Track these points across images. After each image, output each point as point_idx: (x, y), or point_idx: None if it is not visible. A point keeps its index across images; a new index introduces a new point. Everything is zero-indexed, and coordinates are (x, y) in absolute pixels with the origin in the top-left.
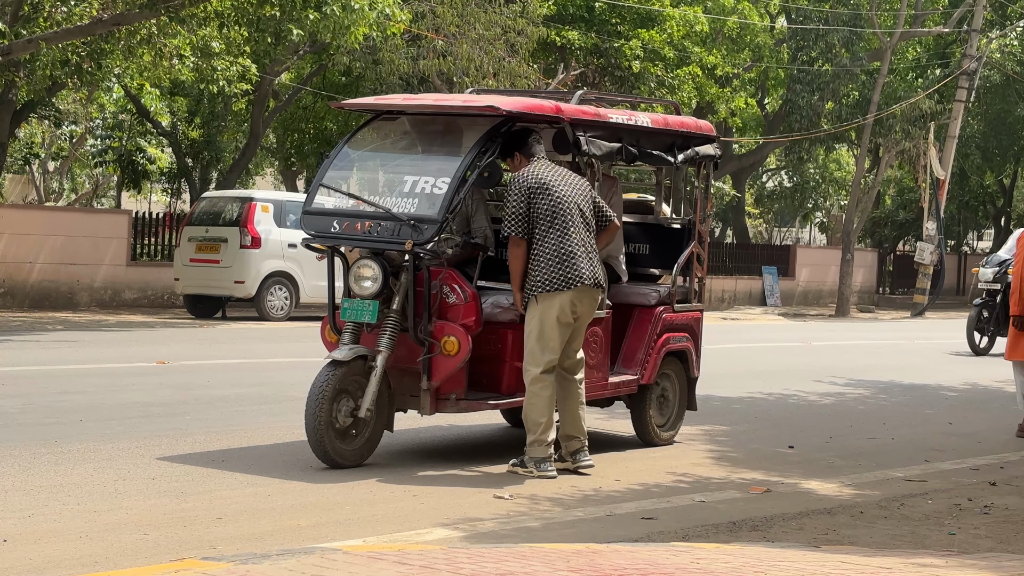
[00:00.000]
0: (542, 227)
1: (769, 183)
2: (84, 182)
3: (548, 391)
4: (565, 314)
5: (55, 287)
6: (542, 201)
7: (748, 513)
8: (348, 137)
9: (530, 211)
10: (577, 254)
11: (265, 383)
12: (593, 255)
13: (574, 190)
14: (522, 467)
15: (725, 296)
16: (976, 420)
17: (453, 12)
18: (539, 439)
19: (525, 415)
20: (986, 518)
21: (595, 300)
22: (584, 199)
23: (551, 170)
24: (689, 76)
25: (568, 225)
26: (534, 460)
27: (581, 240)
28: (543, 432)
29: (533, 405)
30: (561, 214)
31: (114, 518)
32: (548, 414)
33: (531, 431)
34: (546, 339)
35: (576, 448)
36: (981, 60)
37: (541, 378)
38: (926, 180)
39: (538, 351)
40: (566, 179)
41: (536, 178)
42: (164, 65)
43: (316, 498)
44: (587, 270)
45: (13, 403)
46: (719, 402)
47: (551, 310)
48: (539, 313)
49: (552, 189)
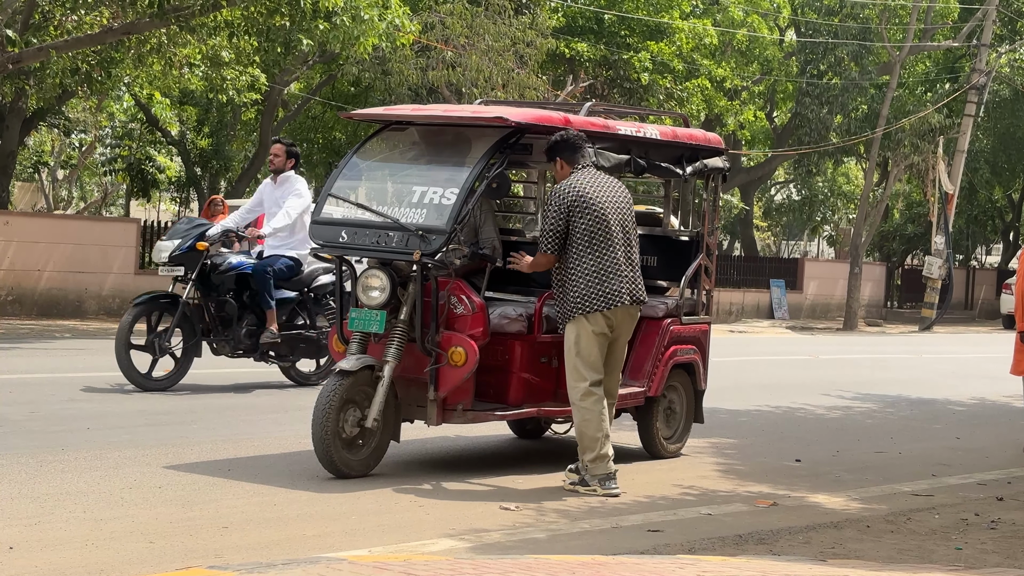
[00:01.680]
0: (581, 245)
1: (777, 196)
2: (93, 190)
3: (599, 405)
4: (602, 330)
5: (63, 295)
6: (581, 219)
7: (754, 526)
8: (357, 147)
9: (568, 228)
10: (616, 271)
11: (272, 392)
12: (633, 269)
13: (616, 203)
14: (583, 485)
15: (733, 309)
16: (983, 435)
17: (463, 23)
18: (600, 455)
19: (580, 432)
20: (993, 533)
21: (634, 317)
22: (626, 211)
23: (593, 181)
24: (698, 88)
25: (608, 241)
26: (598, 478)
27: (622, 255)
28: (602, 447)
29: (587, 421)
30: (600, 231)
31: (120, 526)
32: (604, 428)
33: (589, 448)
34: (585, 354)
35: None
36: (990, 75)
37: (589, 392)
38: (935, 194)
39: (581, 366)
40: (608, 191)
41: (576, 193)
42: (174, 74)
43: (322, 508)
44: (626, 288)
45: (20, 410)
46: (726, 415)
47: (588, 326)
48: (576, 329)
49: (592, 205)
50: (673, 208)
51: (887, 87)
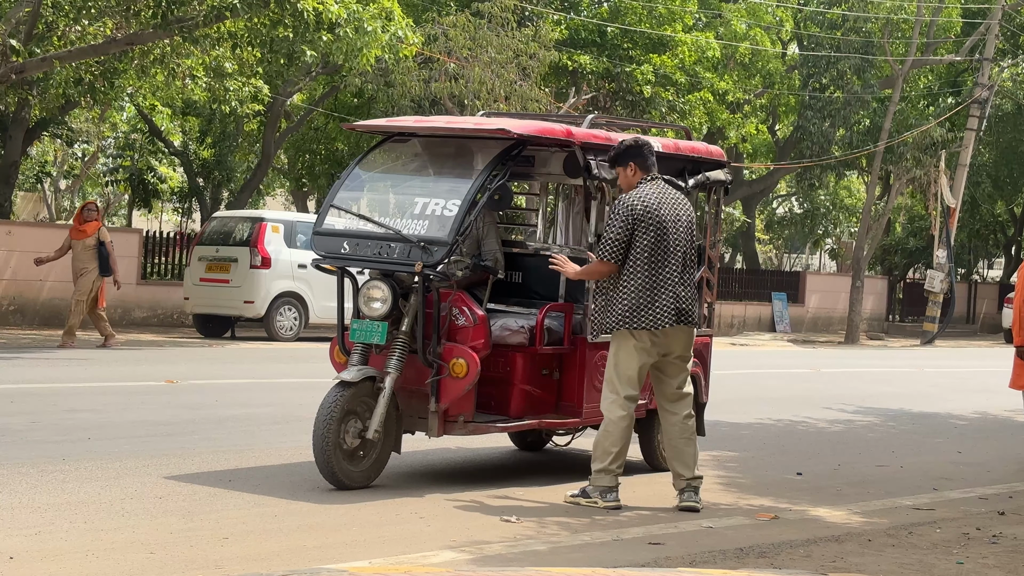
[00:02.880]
0: (639, 259)
1: (779, 209)
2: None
3: (625, 422)
4: (646, 350)
5: (65, 305)
6: (644, 233)
7: (755, 540)
8: (359, 158)
9: (631, 239)
10: (667, 289)
11: (273, 403)
12: (686, 288)
13: (678, 218)
14: (584, 497)
15: (734, 322)
16: (985, 449)
17: (465, 35)
18: (607, 468)
19: (596, 442)
20: (995, 547)
21: (686, 336)
22: (688, 228)
23: (661, 195)
24: (700, 101)
25: (665, 258)
26: (599, 489)
27: (676, 273)
28: (612, 462)
29: (608, 433)
30: (660, 247)
31: (121, 537)
32: (620, 444)
33: (599, 459)
34: (622, 370)
35: (681, 486)
36: (993, 89)
37: (619, 408)
38: (937, 208)
39: (616, 381)
40: (674, 206)
41: (644, 205)
42: (177, 85)
43: (323, 519)
44: (672, 306)
45: (22, 420)
46: (727, 428)
47: (629, 341)
48: (619, 343)
49: (658, 220)
50: None
51: (889, 101)
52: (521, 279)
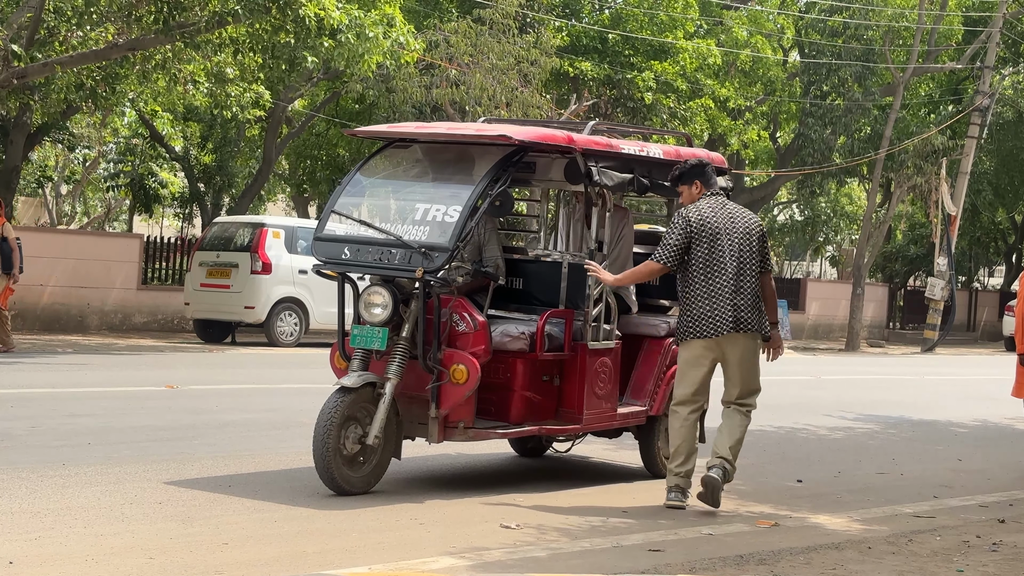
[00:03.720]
0: (696, 270)
1: (780, 216)
2: (96, 206)
3: (676, 423)
4: (705, 358)
5: (66, 310)
6: (700, 245)
7: (755, 547)
8: (360, 164)
9: (688, 249)
10: (723, 299)
11: (274, 409)
12: (743, 297)
13: (735, 231)
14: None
15: None
16: (986, 457)
17: (467, 42)
18: (671, 468)
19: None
20: (995, 555)
21: (745, 342)
22: (747, 240)
23: (721, 210)
24: (701, 108)
25: (720, 270)
26: (668, 487)
27: (731, 284)
28: (671, 460)
29: (668, 435)
30: (716, 259)
31: (120, 542)
32: (677, 444)
33: (669, 458)
34: (682, 375)
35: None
36: (994, 97)
37: (674, 410)
38: (937, 215)
39: (677, 383)
40: (731, 219)
41: (699, 217)
42: (178, 90)
43: (322, 525)
44: (730, 315)
45: (22, 425)
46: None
47: (690, 351)
48: (682, 350)
49: (713, 231)
50: None
51: (890, 108)
52: (522, 285)
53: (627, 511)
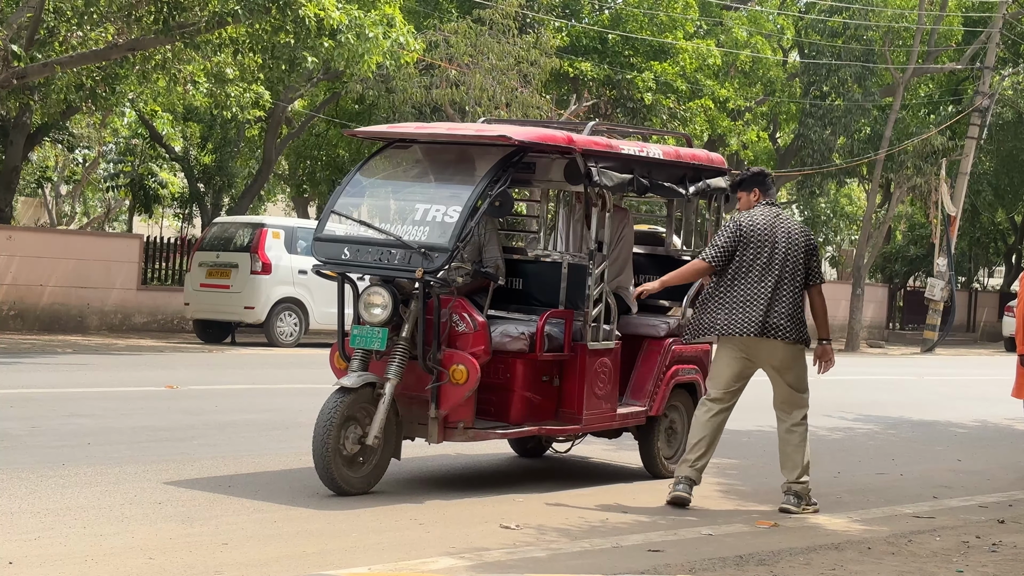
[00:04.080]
0: (738, 273)
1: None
2: (96, 206)
3: (703, 416)
4: (735, 357)
5: (66, 310)
6: (746, 250)
7: (755, 547)
8: (360, 164)
9: (734, 252)
10: (759, 305)
11: (273, 409)
12: (781, 305)
13: (778, 241)
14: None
15: None
16: (985, 457)
17: (467, 42)
18: (684, 457)
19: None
20: (994, 556)
21: (783, 349)
22: (793, 252)
23: (771, 219)
24: (701, 109)
25: (763, 275)
26: (676, 478)
27: (770, 291)
28: (689, 451)
29: (692, 425)
30: (760, 265)
31: (120, 542)
32: (698, 438)
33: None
34: (714, 373)
35: (784, 488)
36: (994, 97)
37: (703, 403)
38: (937, 216)
39: (709, 381)
40: (782, 229)
41: (751, 224)
42: (178, 91)
43: (322, 525)
44: (761, 320)
45: (21, 425)
46: (728, 435)
47: (722, 349)
48: (715, 351)
49: (760, 239)
50: (676, 228)
51: (890, 109)
52: (521, 285)
53: (627, 511)
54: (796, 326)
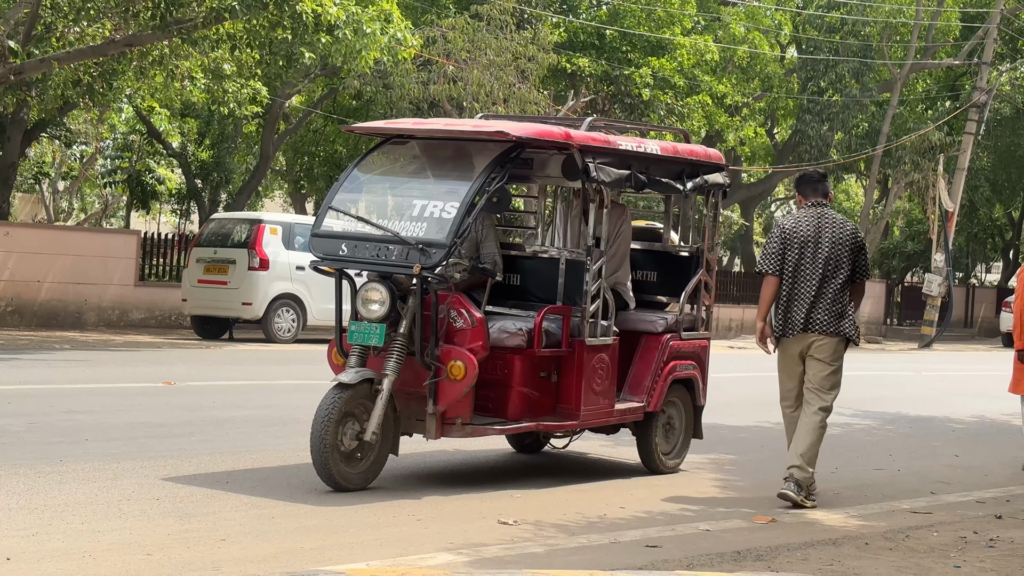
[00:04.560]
0: (786, 275)
1: (778, 212)
2: (94, 202)
3: (784, 419)
4: (787, 354)
5: (63, 306)
6: (791, 253)
7: (753, 543)
8: (358, 160)
9: (784, 255)
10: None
11: (271, 405)
12: (826, 302)
13: (827, 243)
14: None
15: (732, 325)
16: (983, 453)
17: (464, 38)
18: (788, 458)
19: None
20: (992, 551)
21: (817, 341)
22: (837, 251)
23: (815, 220)
24: (699, 104)
25: (806, 277)
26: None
27: (814, 289)
28: (789, 452)
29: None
30: (802, 268)
31: (118, 538)
32: (788, 437)
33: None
34: (778, 371)
35: (786, 476)
36: (991, 93)
37: (783, 406)
38: (935, 212)
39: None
40: (827, 228)
41: (794, 226)
42: (175, 86)
43: (320, 521)
44: (804, 317)
45: (19, 422)
46: (726, 431)
47: (780, 352)
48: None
49: (803, 240)
50: (673, 224)
51: (888, 104)
52: (519, 281)
53: (624, 507)
54: (836, 320)
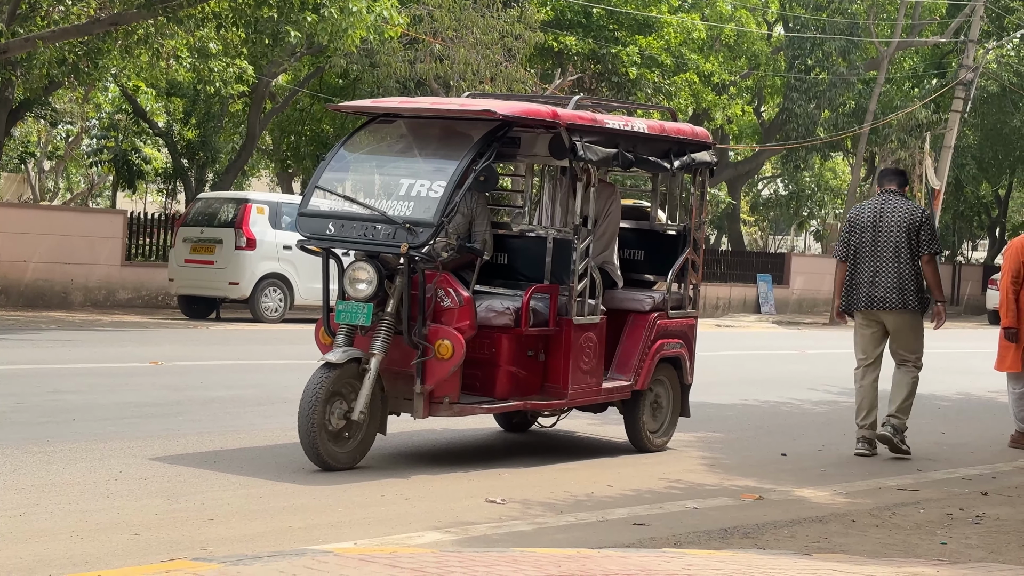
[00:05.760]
0: (851, 257)
1: (765, 191)
2: (79, 182)
3: (856, 383)
4: (861, 328)
5: (49, 286)
6: (853, 235)
7: (740, 520)
8: (344, 139)
9: (848, 241)
10: (862, 281)
11: (259, 385)
12: (885, 280)
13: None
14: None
15: (720, 303)
16: (968, 430)
17: (451, 16)
18: (856, 422)
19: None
20: (978, 528)
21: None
22: (895, 234)
23: (877, 208)
24: (686, 83)
25: (868, 256)
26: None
27: (872, 270)
28: (856, 415)
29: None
30: (865, 247)
31: (105, 518)
32: (858, 401)
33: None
34: (855, 343)
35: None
36: (978, 71)
37: (854, 370)
38: (921, 190)
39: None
40: (885, 215)
41: (856, 215)
42: (161, 65)
43: (308, 500)
44: (867, 295)
45: (6, 402)
46: (713, 409)
47: (856, 323)
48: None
49: (862, 228)
50: (660, 202)
51: (874, 83)
52: (507, 260)
53: (612, 485)
54: (901, 296)
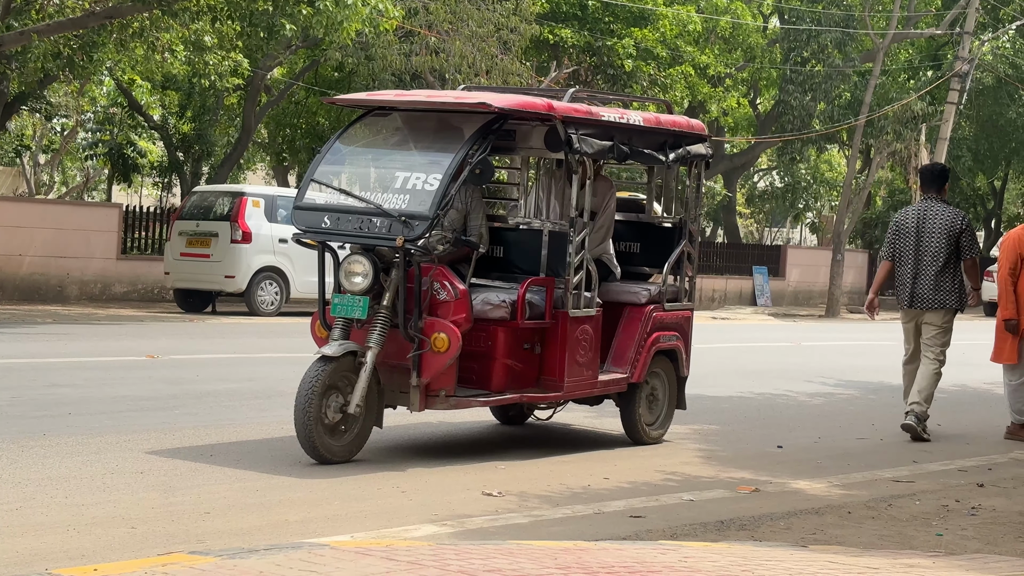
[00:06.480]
0: (895, 259)
1: (760, 183)
2: (75, 175)
3: (903, 372)
4: (904, 322)
5: (45, 280)
6: (898, 241)
7: (736, 512)
8: (340, 132)
9: (894, 243)
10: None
11: (255, 378)
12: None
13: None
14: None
15: (715, 296)
16: (964, 421)
17: (446, 9)
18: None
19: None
20: (973, 519)
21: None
22: (935, 238)
23: (919, 213)
24: (681, 75)
25: (910, 259)
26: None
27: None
28: (904, 396)
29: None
30: (906, 251)
31: (102, 512)
32: (905, 385)
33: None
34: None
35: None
36: (973, 62)
37: (902, 360)
38: (917, 182)
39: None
40: (928, 220)
41: (900, 219)
42: (156, 59)
43: (304, 493)
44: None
45: (2, 396)
46: (709, 401)
47: (900, 318)
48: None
49: (904, 230)
50: (656, 195)
51: (870, 74)
52: (503, 253)
53: (608, 478)
54: (938, 296)
